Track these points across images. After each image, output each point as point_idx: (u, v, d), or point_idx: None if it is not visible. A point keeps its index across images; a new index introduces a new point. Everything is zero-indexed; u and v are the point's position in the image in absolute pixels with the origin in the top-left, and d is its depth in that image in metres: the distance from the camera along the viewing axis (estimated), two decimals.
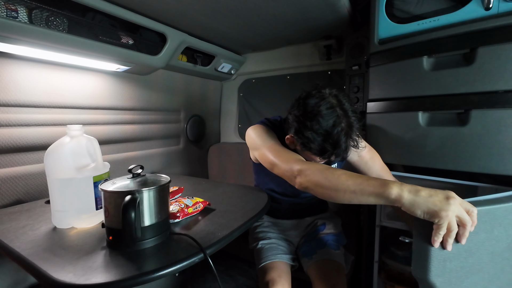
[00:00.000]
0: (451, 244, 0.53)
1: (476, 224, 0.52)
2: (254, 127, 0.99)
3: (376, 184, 0.60)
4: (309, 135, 0.78)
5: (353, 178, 0.65)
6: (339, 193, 0.66)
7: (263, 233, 1.11)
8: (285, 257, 1.02)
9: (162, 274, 0.55)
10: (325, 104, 0.78)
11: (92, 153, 0.80)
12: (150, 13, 1.15)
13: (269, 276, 0.92)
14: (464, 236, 0.52)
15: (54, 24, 0.93)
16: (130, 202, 0.58)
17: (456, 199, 0.53)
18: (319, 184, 0.69)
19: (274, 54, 1.83)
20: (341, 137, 0.76)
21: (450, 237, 0.52)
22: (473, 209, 0.53)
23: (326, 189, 0.68)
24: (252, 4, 1.11)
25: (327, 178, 0.68)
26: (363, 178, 0.64)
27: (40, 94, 1.07)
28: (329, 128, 0.76)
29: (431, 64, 0.87)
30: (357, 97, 1.50)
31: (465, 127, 0.80)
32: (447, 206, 0.51)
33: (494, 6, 0.75)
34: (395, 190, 0.57)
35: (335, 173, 0.68)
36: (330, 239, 1.06)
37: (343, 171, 0.69)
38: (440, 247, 0.53)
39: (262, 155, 0.90)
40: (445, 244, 0.53)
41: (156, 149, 1.68)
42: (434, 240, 0.52)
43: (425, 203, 0.53)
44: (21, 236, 0.71)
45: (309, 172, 0.72)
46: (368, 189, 0.61)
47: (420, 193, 0.55)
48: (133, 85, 1.46)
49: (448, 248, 0.53)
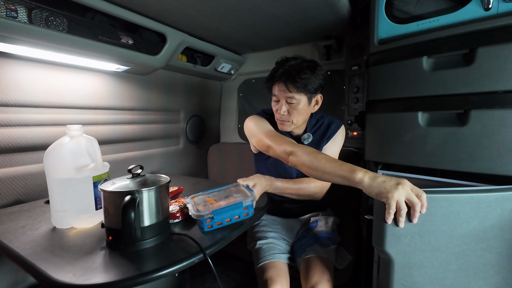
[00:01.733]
0: (403, 222, 0.63)
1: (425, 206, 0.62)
2: (251, 117, 1.15)
3: (347, 170, 0.74)
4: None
5: (330, 162, 0.79)
6: (318, 173, 0.81)
7: (261, 232, 1.11)
8: (283, 257, 1.02)
9: (161, 274, 0.55)
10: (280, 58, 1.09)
11: (91, 153, 0.80)
12: (150, 13, 1.15)
13: (267, 275, 0.93)
14: (414, 216, 0.62)
15: (53, 24, 0.93)
16: (130, 202, 0.58)
17: (405, 185, 0.63)
18: (305, 164, 0.84)
19: (274, 54, 1.83)
20: (280, 67, 1.03)
21: (401, 216, 0.62)
22: (422, 193, 0.62)
23: (309, 168, 0.83)
24: (252, 4, 1.11)
25: (311, 159, 0.83)
26: (338, 163, 0.78)
27: (40, 94, 1.07)
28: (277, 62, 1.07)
29: (430, 64, 0.87)
30: (357, 97, 1.50)
31: (465, 127, 0.80)
32: (394, 190, 0.62)
33: (493, 6, 0.75)
34: (359, 175, 0.70)
35: (318, 156, 0.83)
36: (321, 237, 1.06)
37: (325, 155, 0.84)
38: (393, 224, 0.64)
39: (259, 140, 1.04)
40: (397, 221, 0.63)
41: (156, 149, 1.68)
42: (386, 217, 0.63)
43: (378, 187, 0.66)
44: (21, 236, 0.70)
45: (299, 153, 0.87)
46: (339, 172, 0.75)
47: (377, 179, 0.67)
48: (133, 85, 1.46)
49: (400, 225, 0.63)
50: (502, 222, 0.63)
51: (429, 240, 0.65)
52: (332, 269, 0.97)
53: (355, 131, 1.54)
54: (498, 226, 0.64)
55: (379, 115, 1.01)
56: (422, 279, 0.67)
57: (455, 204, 0.63)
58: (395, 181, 0.64)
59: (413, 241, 0.65)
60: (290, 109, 1.04)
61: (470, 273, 0.66)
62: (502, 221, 0.63)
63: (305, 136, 1.12)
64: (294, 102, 1.02)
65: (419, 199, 0.62)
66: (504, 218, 0.63)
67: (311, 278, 0.91)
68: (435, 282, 0.67)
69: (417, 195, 0.62)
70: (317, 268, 0.93)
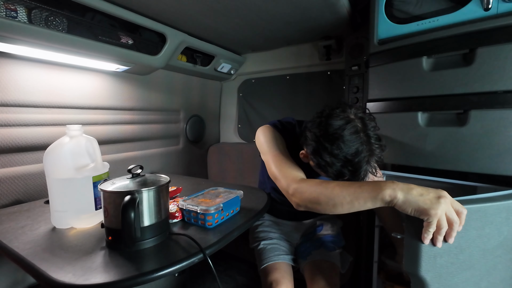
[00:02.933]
0: (441, 241, 0.54)
1: (463, 224, 0.54)
2: (264, 128, 0.95)
3: (369, 189, 0.60)
4: (328, 159, 0.74)
5: (347, 188, 0.64)
6: (337, 207, 0.65)
7: (264, 233, 1.11)
8: (287, 258, 1.02)
9: (161, 274, 0.55)
10: (350, 128, 0.72)
11: (91, 153, 0.80)
12: (150, 13, 1.15)
13: (272, 277, 0.92)
14: (451, 235, 0.54)
15: (53, 24, 0.93)
16: (130, 202, 0.58)
17: (447, 199, 0.53)
18: (313, 200, 0.68)
19: (273, 54, 1.83)
20: (362, 165, 0.73)
21: (440, 235, 0.53)
22: (463, 209, 0.54)
23: (323, 205, 0.67)
24: (251, 4, 1.11)
25: (321, 191, 0.67)
26: (355, 186, 0.64)
27: (40, 94, 1.07)
28: (350, 156, 0.72)
29: (430, 64, 0.87)
30: (357, 97, 1.50)
31: (465, 127, 0.80)
32: (437, 205, 0.52)
33: (493, 6, 0.75)
34: (388, 192, 0.57)
35: (328, 186, 0.67)
36: (327, 240, 1.06)
37: (335, 182, 0.68)
38: (430, 243, 0.55)
39: (267, 162, 0.88)
40: (435, 241, 0.54)
41: (156, 149, 1.68)
42: (424, 237, 0.54)
43: (416, 202, 0.54)
44: (20, 236, 0.70)
45: (302, 189, 0.71)
46: (363, 195, 0.61)
47: (412, 191, 0.56)
48: (132, 85, 1.46)
49: (438, 245, 0.54)
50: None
51: (465, 258, 0.57)
52: (338, 273, 0.97)
53: None
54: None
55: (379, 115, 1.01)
56: None
57: (489, 215, 0.57)
58: (435, 194, 0.54)
59: (449, 261, 0.56)
60: None
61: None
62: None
63: None
64: None
65: (459, 216, 0.53)
66: None
67: (318, 282, 0.90)
68: None
69: (457, 211, 0.53)
70: (324, 273, 0.93)
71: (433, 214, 0.52)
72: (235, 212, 0.86)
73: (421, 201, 0.54)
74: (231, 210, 0.84)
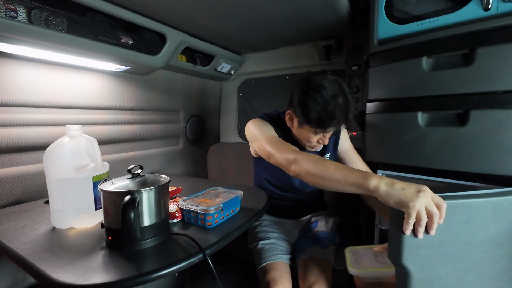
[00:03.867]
0: (422, 233, 0.57)
1: (445, 217, 0.57)
2: (253, 120, 1.06)
3: (359, 176, 0.67)
4: (310, 104, 0.87)
5: (340, 169, 0.71)
6: (326, 181, 0.73)
7: (262, 233, 1.11)
8: (285, 257, 1.02)
9: (161, 274, 0.55)
10: (328, 81, 0.89)
11: (91, 153, 0.80)
12: (150, 13, 1.15)
13: (270, 276, 0.92)
14: (432, 227, 0.57)
15: (53, 24, 0.93)
16: (130, 202, 0.58)
17: (426, 193, 0.57)
18: (310, 172, 0.76)
19: (273, 55, 1.83)
20: (337, 109, 0.86)
21: (420, 226, 0.57)
22: (443, 203, 0.57)
23: (315, 177, 0.75)
24: (251, 4, 1.11)
25: (317, 167, 0.75)
26: (348, 170, 0.71)
27: (40, 94, 1.07)
28: (328, 99, 0.85)
29: (430, 64, 0.87)
30: (357, 97, 1.50)
31: (464, 127, 0.80)
32: (416, 198, 0.56)
33: (493, 6, 0.75)
34: (373, 182, 0.63)
35: (325, 163, 0.75)
36: (321, 237, 1.06)
37: (332, 162, 0.76)
38: (412, 235, 0.58)
39: (260, 146, 0.96)
40: (416, 232, 0.58)
41: (156, 149, 1.68)
42: (405, 228, 0.58)
43: (398, 195, 0.59)
44: (20, 236, 0.70)
45: (302, 161, 0.79)
46: (351, 179, 0.68)
47: (394, 185, 0.61)
48: (132, 85, 1.46)
49: (419, 236, 0.58)
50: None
51: (448, 251, 0.60)
52: (330, 269, 0.97)
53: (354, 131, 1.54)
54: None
55: (378, 115, 1.01)
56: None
57: (474, 210, 0.59)
58: (416, 188, 0.59)
59: (432, 253, 0.59)
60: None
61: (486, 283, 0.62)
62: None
63: None
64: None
65: (439, 210, 0.57)
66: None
67: (308, 278, 0.91)
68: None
69: (437, 204, 0.57)
70: (315, 269, 0.93)
71: (412, 207, 0.56)
72: (235, 212, 0.86)
73: (401, 194, 0.58)
74: (231, 210, 0.84)
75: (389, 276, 0.72)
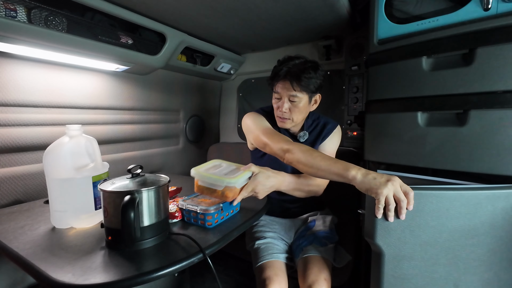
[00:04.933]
0: (392, 217, 0.67)
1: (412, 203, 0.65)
2: (249, 114, 1.16)
3: (341, 167, 0.77)
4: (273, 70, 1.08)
5: (325, 160, 0.82)
6: (313, 170, 0.84)
7: (259, 233, 1.11)
8: (281, 256, 1.02)
9: (161, 274, 0.55)
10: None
11: (91, 153, 0.80)
12: (150, 13, 1.15)
13: (265, 275, 0.93)
14: (401, 212, 0.65)
15: (53, 23, 0.93)
16: (129, 202, 0.58)
17: (395, 182, 0.67)
18: (300, 161, 0.86)
19: (273, 54, 1.83)
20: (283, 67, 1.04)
21: (390, 211, 0.66)
22: (409, 191, 0.66)
23: (304, 165, 0.85)
24: (251, 4, 1.11)
25: (307, 157, 0.85)
26: (332, 160, 0.81)
27: (39, 94, 1.07)
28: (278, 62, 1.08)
29: (430, 64, 0.87)
30: (356, 97, 1.50)
31: (464, 127, 0.80)
32: (383, 186, 0.66)
33: (493, 6, 0.75)
34: (352, 172, 0.74)
35: (313, 154, 0.85)
36: (319, 236, 1.06)
37: (320, 153, 0.87)
38: (383, 218, 0.68)
39: (256, 137, 1.05)
40: (386, 216, 0.67)
41: (156, 149, 1.68)
42: (376, 212, 0.67)
43: (369, 183, 0.69)
44: (20, 236, 0.70)
45: (295, 151, 0.88)
46: (334, 169, 0.79)
47: (368, 175, 0.71)
48: (132, 85, 1.46)
49: (389, 220, 0.67)
50: (493, 220, 0.65)
51: (419, 234, 0.67)
52: (330, 268, 0.97)
53: (354, 131, 1.54)
54: (489, 223, 0.65)
55: (378, 115, 1.01)
56: (412, 271, 0.69)
57: (444, 201, 0.66)
58: (385, 178, 0.68)
59: (403, 235, 0.68)
60: (292, 107, 1.05)
61: (460, 268, 0.68)
62: (493, 219, 0.65)
63: (301, 134, 1.14)
64: (296, 100, 1.04)
65: (407, 197, 0.65)
66: (495, 215, 0.65)
67: (308, 277, 0.91)
68: (425, 274, 0.69)
69: (405, 192, 0.66)
70: (315, 267, 0.93)
71: (379, 193, 0.66)
72: (235, 212, 0.86)
73: (372, 183, 0.69)
74: (231, 210, 0.84)
75: (221, 186, 0.78)
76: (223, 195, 0.78)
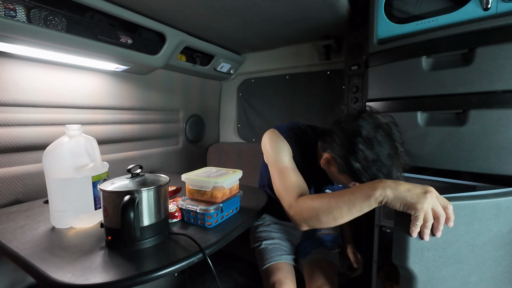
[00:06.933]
0: (428, 235, 0.56)
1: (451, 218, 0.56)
2: (271, 133, 0.92)
3: (362, 194, 0.62)
4: (362, 162, 0.71)
5: (341, 198, 0.65)
6: (338, 219, 0.66)
7: (265, 232, 1.11)
8: (289, 258, 1.02)
9: (161, 274, 0.55)
10: (381, 131, 0.72)
11: (91, 152, 0.80)
12: (149, 12, 1.15)
13: (275, 277, 0.92)
14: (438, 229, 0.55)
15: (52, 23, 0.92)
16: (129, 202, 0.58)
17: (433, 193, 0.56)
18: (314, 218, 0.70)
19: (273, 54, 1.83)
20: (393, 169, 0.72)
21: (427, 228, 0.55)
22: (448, 204, 0.55)
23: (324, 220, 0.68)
24: (251, 4, 1.11)
25: (320, 209, 0.68)
26: (348, 193, 0.65)
27: (39, 94, 1.07)
28: (383, 158, 0.70)
29: (430, 64, 0.87)
30: (356, 97, 1.50)
31: (464, 127, 0.80)
32: (423, 199, 0.54)
33: (492, 6, 0.75)
34: (379, 192, 0.59)
35: (323, 201, 0.68)
36: (326, 239, 1.06)
37: (329, 195, 0.69)
38: (418, 237, 0.57)
39: (271, 173, 0.88)
40: (422, 234, 0.56)
41: (155, 149, 1.68)
42: (412, 230, 0.56)
43: (404, 197, 0.56)
44: (20, 236, 0.70)
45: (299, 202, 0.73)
46: (358, 202, 0.62)
47: (399, 187, 0.58)
48: (132, 85, 1.46)
49: (425, 238, 0.56)
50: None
51: (453, 253, 0.59)
52: (336, 272, 0.97)
53: None
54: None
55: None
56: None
57: (478, 211, 0.58)
58: (422, 189, 0.56)
59: (437, 255, 0.58)
60: None
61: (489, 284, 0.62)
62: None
63: None
64: None
65: (445, 211, 0.55)
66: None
67: (317, 281, 0.90)
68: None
69: (443, 205, 0.55)
70: (323, 271, 0.93)
71: (420, 208, 0.54)
72: (235, 212, 0.86)
73: (408, 196, 0.56)
74: (231, 210, 0.84)
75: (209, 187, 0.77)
76: (212, 196, 0.78)
